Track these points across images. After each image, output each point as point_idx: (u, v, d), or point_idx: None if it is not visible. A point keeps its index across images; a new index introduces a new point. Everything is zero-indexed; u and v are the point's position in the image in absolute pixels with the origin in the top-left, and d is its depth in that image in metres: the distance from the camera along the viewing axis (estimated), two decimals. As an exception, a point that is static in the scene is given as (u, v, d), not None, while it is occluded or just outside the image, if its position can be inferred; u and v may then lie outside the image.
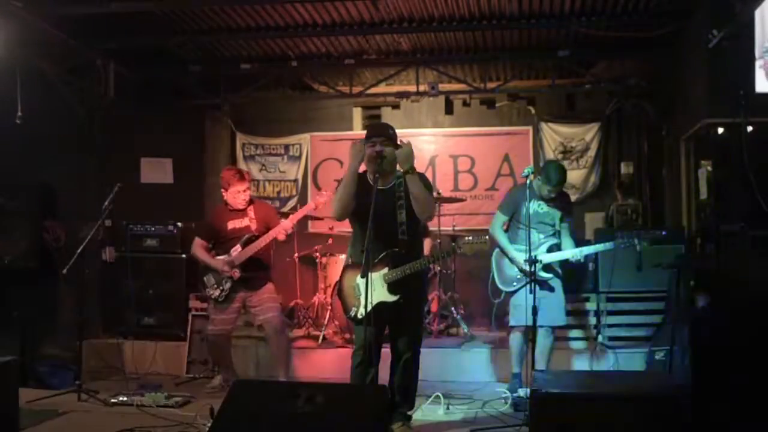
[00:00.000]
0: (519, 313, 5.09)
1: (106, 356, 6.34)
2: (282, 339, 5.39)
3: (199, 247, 5.44)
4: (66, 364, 5.81)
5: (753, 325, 3.28)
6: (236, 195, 5.37)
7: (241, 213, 5.41)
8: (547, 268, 5.11)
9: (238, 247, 5.28)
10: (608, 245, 5.15)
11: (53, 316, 6.38)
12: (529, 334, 4.83)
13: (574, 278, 5.96)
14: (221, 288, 5.29)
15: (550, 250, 5.13)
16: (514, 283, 5.17)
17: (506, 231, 5.31)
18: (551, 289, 5.14)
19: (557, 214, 5.20)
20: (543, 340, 5.10)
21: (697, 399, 3.26)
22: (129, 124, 7.22)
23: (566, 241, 5.22)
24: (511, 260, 5.17)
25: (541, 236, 5.16)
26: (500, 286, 5.30)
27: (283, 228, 5.23)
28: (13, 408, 4.10)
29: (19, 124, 5.72)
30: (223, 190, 5.46)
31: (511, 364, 5.34)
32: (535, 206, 5.14)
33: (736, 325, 3.34)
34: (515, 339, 5.26)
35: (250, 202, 5.49)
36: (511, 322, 5.24)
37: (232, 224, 5.39)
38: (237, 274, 5.25)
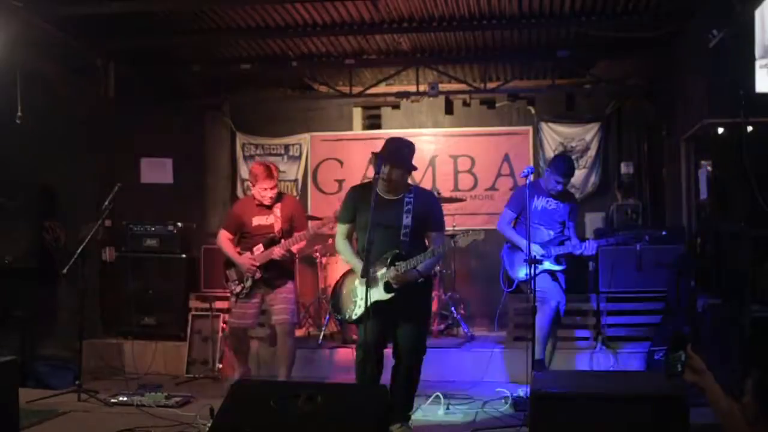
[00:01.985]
0: (546, 293, 5.09)
1: (106, 356, 6.34)
2: (289, 342, 5.32)
3: (225, 240, 5.34)
4: (66, 364, 5.81)
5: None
6: (262, 192, 5.25)
7: (268, 209, 5.33)
8: (559, 260, 5.15)
9: (260, 247, 5.22)
10: (611, 240, 5.23)
11: (53, 316, 6.39)
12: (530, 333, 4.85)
13: (575, 278, 5.98)
14: (243, 285, 5.25)
15: (561, 244, 5.18)
16: (526, 273, 5.17)
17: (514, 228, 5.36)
18: (559, 281, 5.19)
19: (566, 209, 5.23)
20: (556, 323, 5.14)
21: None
22: (129, 124, 7.22)
23: (573, 237, 5.28)
24: (524, 248, 5.16)
25: (551, 232, 5.20)
26: (514, 276, 5.30)
27: (276, 253, 5.16)
28: (13, 408, 4.10)
29: (19, 124, 5.72)
30: (250, 184, 5.40)
31: (537, 350, 4.88)
32: (543, 203, 5.17)
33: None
34: (545, 320, 5.12)
35: (279, 197, 5.36)
36: (551, 298, 5.18)
37: (257, 220, 5.29)
38: (259, 275, 5.22)
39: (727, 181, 5.38)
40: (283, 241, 5.17)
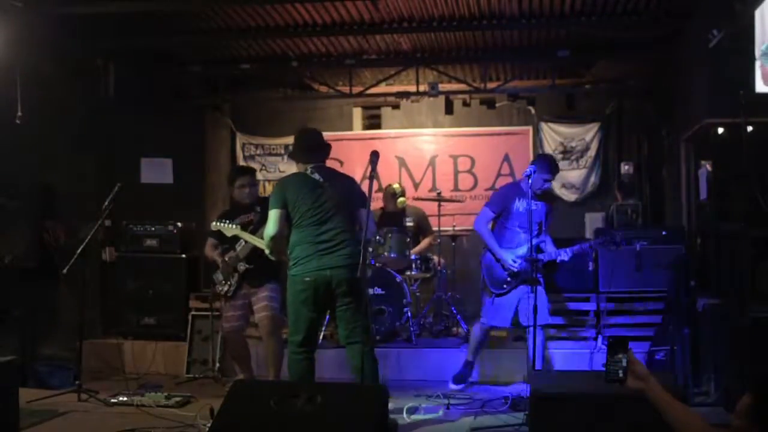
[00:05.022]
0: (499, 312, 5.18)
1: (106, 356, 6.34)
2: (272, 341, 5.30)
3: (209, 247, 5.47)
4: (66, 364, 5.81)
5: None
6: (241, 190, 5.38)
7: (248, 209, 5.39)
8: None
9: (242, 242, 5.28)
10: (584, 246, 5.18)
11: (53, 316, 6.38)
12: (515, 332, 4.89)
13: (575, 278, 5.98)
14: (229, 283, 5.29)
15: (537, 250, 5.15)
16: (504, 286, 5.19)
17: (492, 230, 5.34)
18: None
19: (545, 209, 5.22)
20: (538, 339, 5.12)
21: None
22: (129, 124, 7.21)
23: (548, 240, 5.25)
24: (499, 260, 5.18)
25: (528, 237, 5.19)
26: (491, 288, 5.30)
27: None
28: (13, 408, 4.10)
29: (19, 124, 5.72)
30: (230, 186, 5.49)
31: (468, 351, 5.49)
32: (525, 204, 5.16)
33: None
34: (477, 331, 5.39)
35: (260, 200, 5.43)
36: (489, 322, 5.30)
37: (240, 219, 5.36)
38: (242, 267, 5.25)
39: (727, 181, 5.37)
40: None
